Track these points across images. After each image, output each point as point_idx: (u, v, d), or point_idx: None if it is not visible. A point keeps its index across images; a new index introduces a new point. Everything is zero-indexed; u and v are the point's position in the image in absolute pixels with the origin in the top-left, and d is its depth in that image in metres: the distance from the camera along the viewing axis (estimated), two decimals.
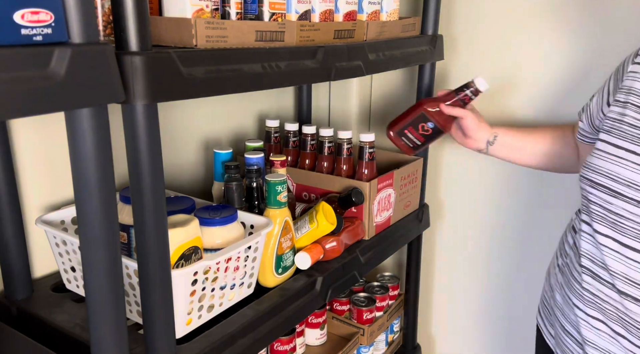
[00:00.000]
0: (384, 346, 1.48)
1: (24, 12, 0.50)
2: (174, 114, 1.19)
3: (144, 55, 0.61)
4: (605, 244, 0.82)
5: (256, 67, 0.79)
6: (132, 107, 0.62)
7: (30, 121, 0.92)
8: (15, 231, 0.87)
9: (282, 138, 1.28)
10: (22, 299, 0.90)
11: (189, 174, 1.27)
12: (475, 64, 1.58)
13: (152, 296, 0.70)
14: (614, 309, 0.82)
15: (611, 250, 0.82)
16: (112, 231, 0.61)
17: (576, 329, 0.89)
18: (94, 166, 0.57)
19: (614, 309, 0.82)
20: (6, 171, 0.84)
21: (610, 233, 0.82)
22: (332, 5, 0.98)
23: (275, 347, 1.22)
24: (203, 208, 0.90)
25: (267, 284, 0.98)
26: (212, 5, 0.78)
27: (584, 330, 0.87)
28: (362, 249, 1.14)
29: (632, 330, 0.80)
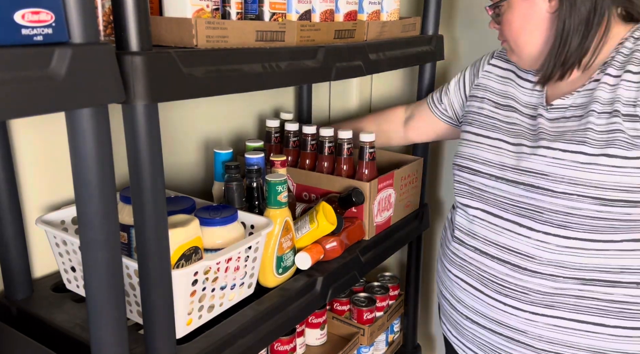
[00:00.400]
0: (384, 346, 1.48)
1: (24, 12, 0.50)
2: (174, 114, 1.19)
3: (144, 55, 0.61)
4: (474, 215, 0.99)
5: (256, 67, 0.79)
6: (133, 107, 0.62)
7: (30, 121, 0.92)
8: (15, 231, 0.87)
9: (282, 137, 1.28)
10: (22, 299, 0.90)
11: (189, 174, 1.27)
12: None
13: (152, 296, 0.70)
14: (476, 269, 0.98)
15: (478, 218, 0.99)
16: (112, 231, 0.61)
17: (450, 291, 1.06)
18: (94, 166, 0.57)
19: (476, 269, 0.98)
20: (6, 171, 0.84)
21: (477, 204, 0.99)
22: (333, 5, 0.98)
23: (275, 347, 1.22)
24: (203, 208, 0.90)
25: (268, 285, 0.98)
26: (212, 5, 0.78)
27: (456, 291, 1.03)
28: (362, 249, 1.14)
29: (489, 284, 0.96)
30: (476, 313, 0.99)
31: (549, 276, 0.89)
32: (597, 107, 0.85)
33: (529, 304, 0.92)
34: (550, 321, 0.91)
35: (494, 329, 0.97)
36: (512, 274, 0.93)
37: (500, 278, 0.95)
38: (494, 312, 0.96)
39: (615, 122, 0.83)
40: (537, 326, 0.92)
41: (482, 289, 0.98)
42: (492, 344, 0.98)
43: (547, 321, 0.91)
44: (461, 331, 1.05)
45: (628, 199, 0.82)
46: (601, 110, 0.85)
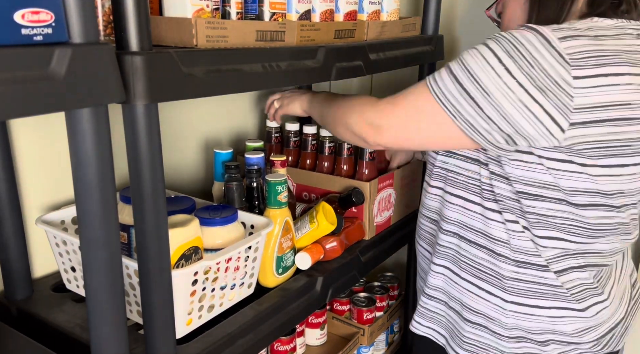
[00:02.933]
0: (384, 346, 1.48)
1: (24, 12, 0.50)
2: (174, 114, 1.19)
3: (144, 55, 0.61)
4: (447, 199, 0.98)
5: (256, 67, 0.79)
6: (133, 107, 0.62)
7: (30, 121, 0.92)
8: (15, 231, 0.87)
9: (282, 137, 1.28)
10: (22, 299, 0.90)
11: (189, 174, 1.27)
12: None
13: (152, 296, 0.70)
14: (453, 253, 0.99)
15: (449, 203, 0.98)
16: (112, 231, 0.61)
17: (425, 272, 1.06)
18: (94, 166, 0.57)
19: (453, 253, 0.99)
20: (6, 171, 0.84)
21: (444, 187, 0.99)
22: (333, 5, 0.98)
23: (275, 347, 1.22)
24: (203, 208, 0.90)
25: (268, 285, 0.98)
26: (212, 5, 0.78)
27: (434, 260, 1.03)
28: (362, 249, 1.14)
29: (463, 266, 0.97)
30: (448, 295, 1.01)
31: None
32: None
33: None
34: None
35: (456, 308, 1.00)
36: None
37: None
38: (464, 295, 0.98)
39: None
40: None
41: (458, 272, 0.99)
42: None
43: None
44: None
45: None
46: None
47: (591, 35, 0.77)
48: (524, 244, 0.89)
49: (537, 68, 0.75)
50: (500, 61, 0.76)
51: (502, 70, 0.76)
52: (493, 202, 0.90)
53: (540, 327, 0.91)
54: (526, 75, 0.75)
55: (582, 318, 0.90)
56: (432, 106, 0.82)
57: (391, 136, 0.88)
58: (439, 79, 0.82)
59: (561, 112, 0.75)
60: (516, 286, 0.91)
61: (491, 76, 0.77)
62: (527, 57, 0.75)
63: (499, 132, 0.79)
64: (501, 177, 0.88)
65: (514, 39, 0.77)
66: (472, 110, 0.79)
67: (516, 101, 0.76)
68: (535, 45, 0.75)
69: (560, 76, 0.74)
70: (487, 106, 0.77)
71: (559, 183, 0.82)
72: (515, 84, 0.75)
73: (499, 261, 0.91)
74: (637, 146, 0.79)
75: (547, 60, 0.74)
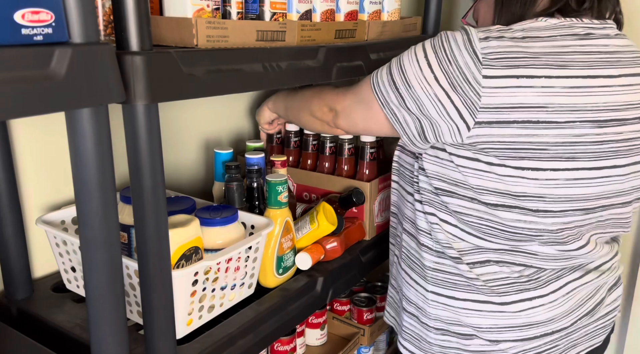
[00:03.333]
0: (384, 346, 1.48)
1: (24, 12, 0.50)
2: (174, 114, 1.19)
3: (144, 55, 0.61)
4: (401, 193, 1.02)
5: (257, 67, 0.79)
6: (133, 107, 0.62)
7: (30, 121, 0.92)
8: (15, 231, 0.87)
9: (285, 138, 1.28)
10: (22, 299, 0.90)
11: (189, 174, 1.27)
12: None
13: (152, 297, 0.70)
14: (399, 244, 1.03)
15: (402, 197, 1.01)
16: (113, 231, 0.61)
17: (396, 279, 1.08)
18: (94, 166, 0.57)
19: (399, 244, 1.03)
20: (6, 171, 0.84)
21: (398, 180, 1.03)
22: (333, 4, 0.98)
23: (275, 347, 1.22)
24: (203, 208, 0.90)
25: (268, 285, 0.97)
26: (212, 5, 0.78)
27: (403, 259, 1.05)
28: (362, 249, 1.14)
29: (402, 256, 1.02)
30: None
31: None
32: None
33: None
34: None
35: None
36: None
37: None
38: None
39: None
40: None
41: (410, 273, 1.01)
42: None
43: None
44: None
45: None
46: None
47: (518, 37, 0.78)
48: (439, 236, 0.91)
49: (454, 65, 0.78)
50: (425, 56, 0.81)
51: (424, 64, 0.81)
52: (418, 194, 0.94)
53: (457, 319, 0.92)
54: (443, 71, 0.79)
55: (502, 312, 0.89)
56: (369, 94, 0.89)
57: (344, 120, 0.96)
58: (380, 72, 0.88)
59: (469, 110, 0.77)
60: (435, 276, 0.93)
61: (415, 69, 0.81)
62: (447, 54, 0.79)
63: (414, 125, 0.84)
64: (422, 171, 0.91)
65: (445, 37, 0.81)
66: (396, 100, 0.84)
67: (432, 95, 0.80)
68: (458, 43, 0.78)
69: (472, 74, 0.76)
70: (408, 97, 0.82)
71: (468, 181, 0.83)
72: (432, 78, 0.79)
73: (421, 250, 0.94)
74: (555, 150, 0.77)
75: (463, 58, 0.77)
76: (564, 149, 0.77)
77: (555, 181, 0.78)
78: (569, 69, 0.76)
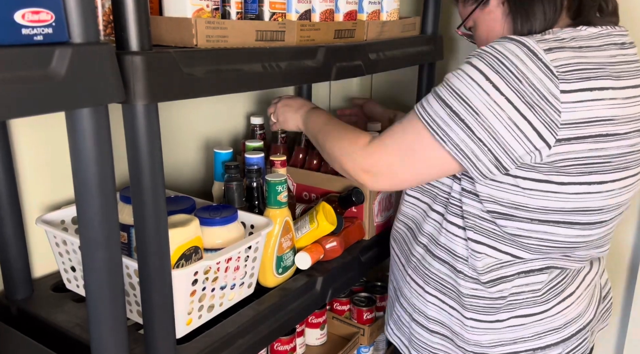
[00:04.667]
0: (384, 346, 1.48)
1: (24, 12, 0.50)
2: (174, 114, 1.19)
3: (144, 55, 0.61)
4: (423, 209, 0.97)
5: (256, 67, 0.79)
6: (133, 107, 0.62)
7: (30, 121, 0.92)
8: (15, 231, 0.87)
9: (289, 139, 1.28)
10: (22, 299, 0.90)
11: (189, 174, 1.27)
12: None
13: (152, 296, 0.70)
14: (420, 265, 0.97)
15: (427, 215, 0.95)
16: (112, 231, 0.61)
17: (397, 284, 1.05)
18: (94, 166, 0.57)
19: (420, 265, 0.97)
20: (6, 171, 0.84)
21: (420, 197, 0.98)
22: (333, 5, 0.98)
23: (275, 347, 1.22)
24: (203, 208, 0.90)
25: (268, 284, 0.98)
26: (212, 5, 0.78)
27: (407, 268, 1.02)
28: (362, 249, 1.14)
29: (429, 281, 0.95)
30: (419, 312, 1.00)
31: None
32: None
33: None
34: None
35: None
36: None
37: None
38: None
39: None
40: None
41: (422, 285, 0.97)
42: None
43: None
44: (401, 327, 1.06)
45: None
46: None
47: (575, 47, 0.75)
48: (477, 263, 0.87)
49: (525, 82, 0.72)
50: (487, 78, 0.74)
51: (489, 87, 0.73)
52: (460, 219, 0.88)
53: (499, 338, 0.90)
54: (514, 91, 0.72)
55: (542, 320, 0.89)
56: (421, 133, 0.79)
57: (387, 180, 0.86)
58: (427, 105, 0.79)
59: (549, 128, 0.73)
60: (475, 303, 0.90)
61: (479, 95, 0.74)
62: (514, 71, 0.73)
63: (486, 157, 0.76)
64: (471, 194, 0.86)
65: (498, 54, 0.74)
66: (462, 133, 0.76)
67: (506, 119, 0.73)
68: (522, 58, 0.73)
69: (548, 90, 0.72)
70: (477, 127, 0.75)
71: (531, 203, 0.80)
72: (504, 101, 0.73)
73: (458, 277, 0.90)
74: (617, 162, 0.77)
75: (534, 73, 0.72)
76: (621, 160, 0.78)
77: (612, 192, 0.79)
78: (623, 79, 0.76)
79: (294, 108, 1.08)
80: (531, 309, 0.89)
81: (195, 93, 0.70)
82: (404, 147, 0.83)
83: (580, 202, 0.79)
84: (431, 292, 0.95)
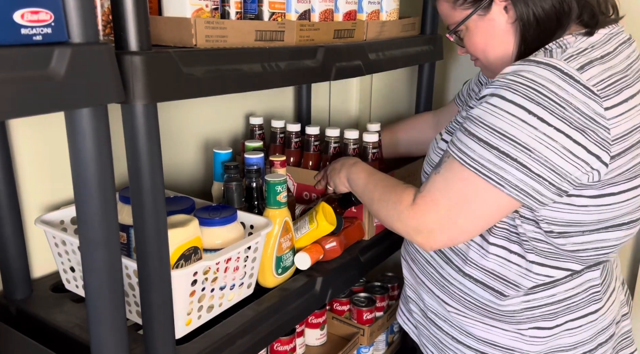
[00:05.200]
0: (384, 347, 1.48)
1: (23, 12, 0.50)
2: (174, 114, 1.19)
3: (143, 55, 0.61)
4: (474, 240, 0.91)
5: (256, 67, 0.79)
6: (132, 107, 0.62)
7: (30, 121, 0.92)
8: (14, 231, 0.87)
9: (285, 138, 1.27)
10: (22, 299, 0.89)
11: (189, 174, 1.27)
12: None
13: (151, 296, 0.70)
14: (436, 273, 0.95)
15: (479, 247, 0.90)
16: (112, 231, 0.61)
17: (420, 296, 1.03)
18: (94, 166, 0.57)
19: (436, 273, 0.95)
20: (6, 171, 0.84)
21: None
22: (332, 4, 0.98)
23: (275, 347, 1.22)
24: (203, 208, 0.90)
25: (267, 285, 0.97)
26: (211, 5, 0.78)
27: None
28: (362, 249, 1.14)
29: (472, 307, 0.91)
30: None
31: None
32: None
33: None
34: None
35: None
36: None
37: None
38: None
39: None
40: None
41: (440, 295, 0.96)
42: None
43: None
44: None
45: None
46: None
47: (598, 57, 0.74)
48: (527, 283, 0.85)
49: (570, 108, 0.70)
50: (530, 112, 0.70)
51: (535, 120, 0.70)
52: (517, 245, 0.85)
53: (558, 344, 0.88)
54: (561, 119, 0.70)
55: (593, 321, 0.89)
56: (471, 180, 0.75)
57: (443, 235, 0.80)
58: (467, 149, 0.75)
59: (603, 148, 0.72)
60: (530, 315, 0.87)
61: (526, 130, 0.71)
62: (554, 99, 0.70)
63: (549, 188, 0.74)
64: (527, 219, 0.83)
65: (532, 83, 0.71)
66: (518, 172, 0.72)
67: (560, 149, 0.71)
68: (558, 83, 0.70)
69: (594, 111, 0.71)
70: (533, 163, 0.71)
71: (586, 219, 0.79)
72: (554, 132, 0.70)
73: (505, 300, 0.87)
74: None
75: (576, 97, 0.70)
76: None
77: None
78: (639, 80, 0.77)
79: (337, 170, 1.06)
80: (585, 310, 0.88)
81: (194, 93, 0.70)
82: (454, 198, 0.77)
83: (629, 206, 0.80)
84: (474, 316, 0.92)
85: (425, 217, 0.80)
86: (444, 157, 0.80)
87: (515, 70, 0.74)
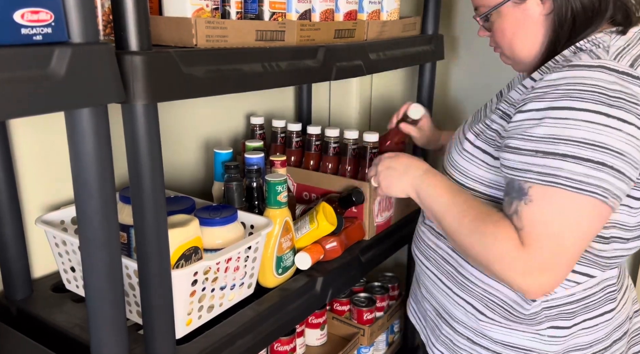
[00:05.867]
0: (384, 347, 1.48)
1: (24, 12, 0.50)
2: (174, 113, 1.19)
3: (144, 55, 0.61)
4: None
5: (256, 66, 0.79)
6: (132, 107, 0.62)
7: (30, 121, 0.92)
8: (15, 231, 0.87)
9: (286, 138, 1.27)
10: (22, 299, 0.90)
11: (189, 174, 1.27)
12: (475, 63, 1.58)
13: (152, 297, 0.70)
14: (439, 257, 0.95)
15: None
16: (112, 231, 0.61)
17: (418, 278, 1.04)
18: (94, 166, 0.57)
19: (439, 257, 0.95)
20: (6, 171, 0.84)
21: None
22: (333, 4, 0.98)
23: (275, 347, 1.22)
24: (203, 208, 0.90)
25: (267, 285, 0.97)
26: (212, 5, 0.78)
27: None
28: (362, 249, 1.14)
29: (494, 307, 0.89)
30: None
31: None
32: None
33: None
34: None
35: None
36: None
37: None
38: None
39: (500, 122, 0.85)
40: None
41: (437, 274, 0.97)
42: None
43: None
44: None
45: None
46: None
47: (638, 54, 0.75)
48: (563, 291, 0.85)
49: None
50: (608, 115, 0.69)
51: (617, 123, 0.69)
52: None
53: (576, 342, 0.88)
54: (639, 116, 0.69)
55: (609, 320, 0.88)
56: (573, 199, 0.70)
57: (565, 269, 0.75)
58: (558, 171, 0.70)
59: None
60: (548, 315, 0.86)
61: (612, 134, 0.69)
62: (625, 98, 0.69)
63: (629, 188, 0.73)
64: None
65: (595, 87, 0.70)
66: (616, 180, 0.70)
67: None
68: (620, 83, 0.70)
69: None
70: (626, 166, 0.70)
71: (631, 221, 0.80)
72: (636, 130, 0.69)
73: (528, 302, 0.86)
74: None
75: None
76: None
77: None
78: None
79: (399, 172, 0.96)
80: (601, 309, 0.88)
81: (195, 93, 0.70)
82: (567, 226, 0.72)
83: None
84: (496, 319, 0.90)
85: (545, 254, 0.73)
86: (521, 188, 0.74)
87: (566, 77, 0.73)
